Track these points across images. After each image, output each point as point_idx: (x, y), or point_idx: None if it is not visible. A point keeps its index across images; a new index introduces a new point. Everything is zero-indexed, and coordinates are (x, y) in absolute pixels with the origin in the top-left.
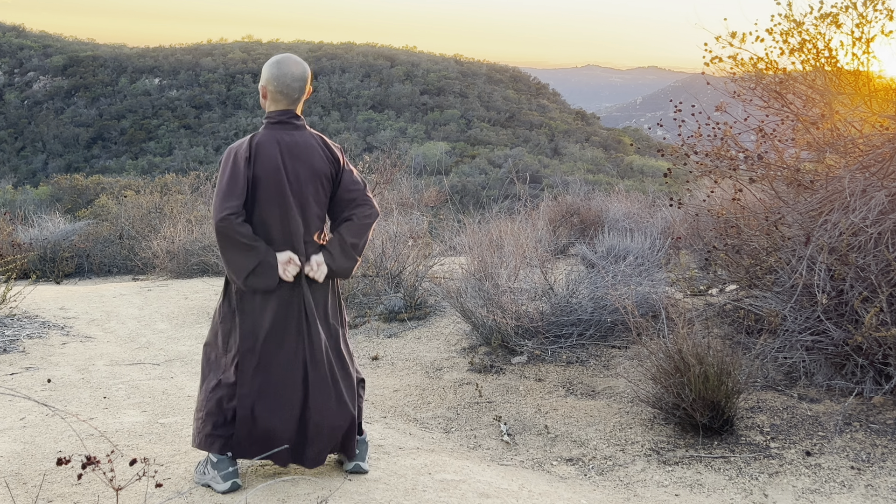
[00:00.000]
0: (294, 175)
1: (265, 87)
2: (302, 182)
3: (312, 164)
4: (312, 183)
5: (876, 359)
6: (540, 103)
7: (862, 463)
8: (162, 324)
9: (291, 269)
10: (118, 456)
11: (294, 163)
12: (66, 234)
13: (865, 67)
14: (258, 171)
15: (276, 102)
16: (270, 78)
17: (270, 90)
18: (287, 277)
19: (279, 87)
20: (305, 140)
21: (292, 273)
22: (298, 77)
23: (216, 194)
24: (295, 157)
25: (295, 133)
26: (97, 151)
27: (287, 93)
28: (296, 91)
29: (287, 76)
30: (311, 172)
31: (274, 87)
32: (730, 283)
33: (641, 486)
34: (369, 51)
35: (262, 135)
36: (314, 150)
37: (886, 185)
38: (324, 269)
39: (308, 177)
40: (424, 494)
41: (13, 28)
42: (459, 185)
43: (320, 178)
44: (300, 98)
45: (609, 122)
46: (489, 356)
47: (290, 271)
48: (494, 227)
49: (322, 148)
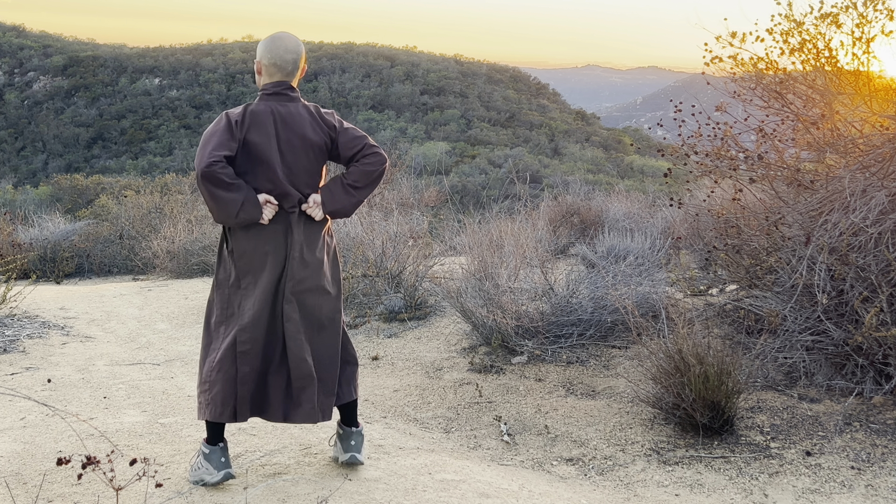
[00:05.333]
0: (287, 144)
1: (260, 62)
2: (294, 151)
3: (305, 134)
4: (305, 153)
5: (876, 359)
6: (540, 103)
7: (862, 463)
8: (162, 324)
9: (269, 210)
10: (118, 456)
11: (287, 133)
12: (66, 234)
13: (865, 67)
14: (250, 136)
15: (270, 76)
16: (265, 51)
17: (265, 64)
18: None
19: (273, 59)
20: (298, 111)
21: (269, 214)
22: (292, 50)
23: (202, 145)
24: (288, 128)
25: (289, 104)
26: (97, 151)
27: (281, 65)
28: (289, 63)
29: (280, 49)
30: (303, 143)
31: (268, 59)
32: (730, 283)
33: (641, 486)
34: (369, 51)
35: (257, 104)
36: (307, 120)
37: (886, 185)
38: (321, 209)
39: (300, 147)
40: (424, 494)
41: (13, 28)
42: (459, 185)
43: (313, 149)
44: (294, 72)
45: (609, 122)
46: (489, 356)
47: (267, 213)
48: (494, 227)
49: (316, 118)
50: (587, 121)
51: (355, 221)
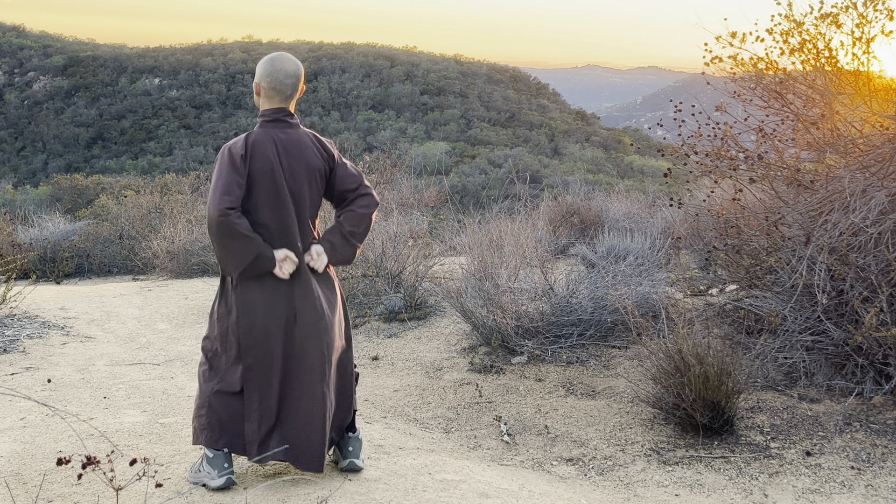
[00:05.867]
0: (290, 172)
1: (258, 84)
2: (297, 179)
3: (307, 160)
4: (307, 180)
5: (876, 359)
6: (540, 103)
7: (862, 463)
8: (162, 324)
9: (288, 267)
10: (118, 456)
11: (289, 160)
12: (66, 234)
13: (865, 67)
14: (254, 168)
15: (269, 100)
16: (264, 75)
17: (264, 87)
18: (283, 275)
19: (272, 83)
20: (299, 138)
21: (288, 271)
22: (291, 74)
23: (213, 190)
24: (290, 155)
25: (289, 131)
26: (97, 151)
27: (280, 89)
28: (288, 88)
29: (280, 73)
30: (305, 169)
31: (267, 83)
32: (730, 283)
33: (641, 486)
34: (369, 51)
35: (258, 133)
36: (308, 147)
37: (886, 185)
38: (324, 259)
39: (303, 174)
40: (424, 494)
41: (13, 28)
42: (459, 185)
43: (315, 175)
44: (293, 95)
45: (609, 122)
46: (489, 356)
47: (286, 268)
48: (494, 227)
49: (315, 145)
50: (587, 121)
51: None
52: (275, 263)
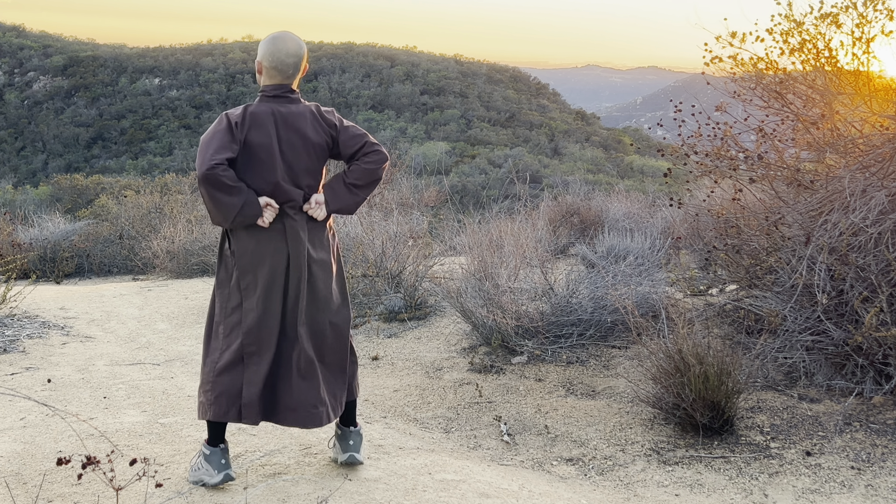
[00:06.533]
0: (288, 145)
1: (260, 63)
2: (296, 152)
3: (306, 133)
4: (306, 152)
5: (876, 359)
6: (540, 103)
7: (862, 463)
8: (162, 324)
9: (269, 213)
10: (118, 456)
11: (288, 133)
12: (66, 234)
13: (865, 67)
14: (251, 137)
15: (271, 78)
16: (266, 53)
17: (266, 66)
18: (264, 223)
19: (273, 62)
20: (300, 111)
21: (270, 217)
22: (293, 53)
23: (202, 147)
24: (289, 128)
25: (290, 105)
26: (97, 151)
27: (281, 69)
28: (290, 67)
29: (282, 52)
30: (304, 143)
31: (269, 62)
32: (730, 283)
33: (641, 486)
34: (369, 51)
35: (257, 105)
36: (307, 120)
37: (886, 185)
38: (324, 208)
39: (302, 146)
40: (424, 494)
41: (13, 28)
42: (459, 185)
43: (314, 148)
44: (295, 74)
45: (609, 122)
46: (489, 356)
47: (268, 216)
48: (494, 227)
49: (316, 117)
50: (587, 121)
51: (355, 221)
52: (260, 211)
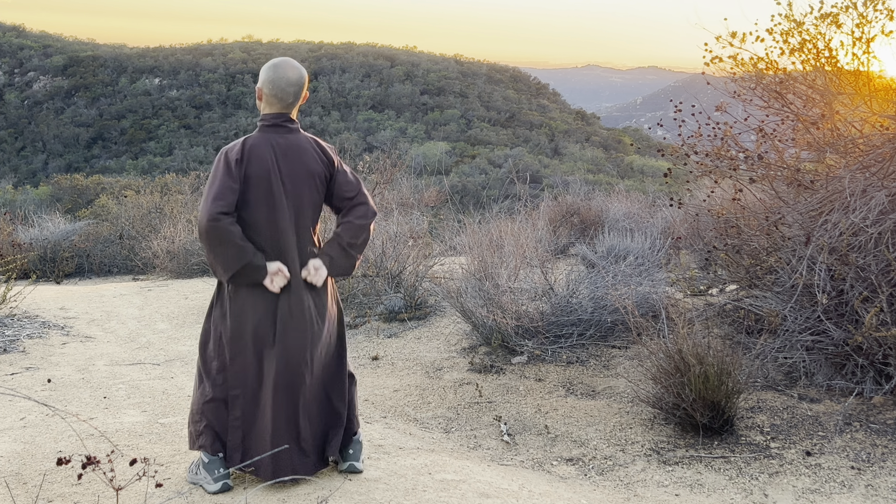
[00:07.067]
0: (288, 177)
1: (261, 90)
2: (296, 183)
3: (307, 164)
4: (307, 184)
5: (876, 359)
6: (540, 103)
7: (862, 463)
8: (162, 324)
9: (279, 281)
10: (118, 456)
11: (288, 164)
12: (66, 234)
13: (865, 67)
14: (250, 171)
15: (270, 105)
16: (266, 81)
17: (266, 93)
18: (274, 289)
19: (274, 90)
20: (299, 142)
21: (279, 284)
22: (294, 82)
23: (206, 194)
24: (288, 159)
25: (289, 136)
26: (97, 151)
27: (282, 97)
28: (290, 96)
29: (283, 80)
30: (305, 173)
31: (269, 90)
32: (730, 283)
33: (641, 486)
34: (369, 51)
35: (256, 137)
36: (308, 151)
37: (886, 185)
38: (322, 273)
39: (303, 178)
40: (424, 494)
41: (13, 28)
42: (459, 185)
43: (314, 179)
44: (295, 103)
45: (609, 122)
46: (489, 356)
47: (277, 282)
48: (494, 227)
49: (316, 149)
50: (587, 121)
51: None
52: (265, 274)
